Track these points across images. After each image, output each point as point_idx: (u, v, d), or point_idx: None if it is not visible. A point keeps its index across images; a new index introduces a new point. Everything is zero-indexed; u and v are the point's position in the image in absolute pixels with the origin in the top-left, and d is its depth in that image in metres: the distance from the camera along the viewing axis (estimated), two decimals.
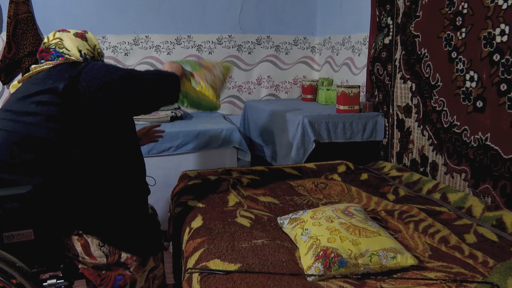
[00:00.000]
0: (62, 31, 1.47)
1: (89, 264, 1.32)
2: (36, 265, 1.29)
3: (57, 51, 1.41)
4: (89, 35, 1.51)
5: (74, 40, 1.45)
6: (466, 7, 1.88)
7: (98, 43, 1.55)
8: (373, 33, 2.70)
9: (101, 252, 1.32)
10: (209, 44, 3.52)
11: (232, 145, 2.81)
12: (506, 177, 1.71)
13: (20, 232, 1.19)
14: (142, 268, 1.39)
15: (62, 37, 1.45)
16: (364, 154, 2.61)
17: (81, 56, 1.43)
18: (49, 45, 1.43)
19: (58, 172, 1.24)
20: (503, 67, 1.70)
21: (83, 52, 1.44)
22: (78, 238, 1.31)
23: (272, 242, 1.38)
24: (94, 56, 1.48)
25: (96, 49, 1.51)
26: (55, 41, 1.43)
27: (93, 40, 1.51)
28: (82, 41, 1.46)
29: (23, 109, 1.26)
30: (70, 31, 1.48)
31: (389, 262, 1.22)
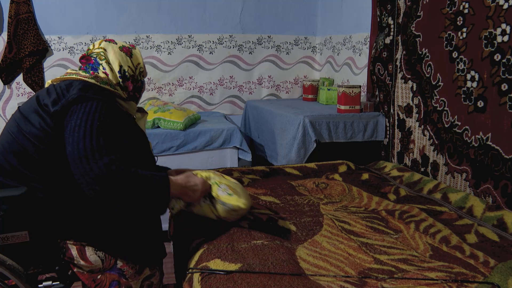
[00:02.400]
0: (109, 41, 1.43)
1: (85, 268, 1.31)
2: (32, 267, 1.28)
3: (96, 61, 1.38)
4: (136, 52, 1.46)
5: (117, 54, 1.40)
6: (467, 7, 1.88)
7: (143, 62, 1.49)
8: (374, 33, 2.69)
9: (97, 256, 1.30)
10: (210, 44, 3.52)
11: (233, 145, 2.81)
12: (507, 177, 1.70)
13: (15, 234, 1.18)
14: (138, 276, 1.37)
15: (107, 48, 1.41)
16: (365, 154, 2.61)
17: (119, 73, 1.39)
18: (91, 53, 1.40)
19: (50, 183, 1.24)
20: (504, 67, 1.69)
21: (124, 68, 1.40)
22: (74, 242, 1.30)
23: (272, 242, 1.38)
24: (134, 75, 1.43)
25: (139, 67, 1.46)
26: (98, 51, 1.40)
27: (139, 58, 1.46)
28: (126, 57, 1.41)
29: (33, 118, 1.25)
30: (117, 43, 1.43)
31: (222, 195, 1.39)
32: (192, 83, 3.56)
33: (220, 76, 3.60)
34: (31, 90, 3.22)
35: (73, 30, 3.24)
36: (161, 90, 3.50)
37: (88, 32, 3.27)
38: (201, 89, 3.59)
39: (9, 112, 3.23)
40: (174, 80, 3.51)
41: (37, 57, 3.15)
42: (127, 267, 1.34)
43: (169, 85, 3.51)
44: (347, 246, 1.41)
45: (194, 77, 3.55)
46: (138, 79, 1.46)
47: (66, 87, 1.28)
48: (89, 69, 1.38)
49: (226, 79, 3.62)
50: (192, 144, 2.74)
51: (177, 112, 2.84)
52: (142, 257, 1.38)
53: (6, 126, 1.32)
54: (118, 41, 1.47)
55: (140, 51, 1.49)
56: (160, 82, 3.49)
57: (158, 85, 3.49)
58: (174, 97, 3.53)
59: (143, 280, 1.39)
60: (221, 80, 3.61)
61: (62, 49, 3.25)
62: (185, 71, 3.52)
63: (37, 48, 3.10)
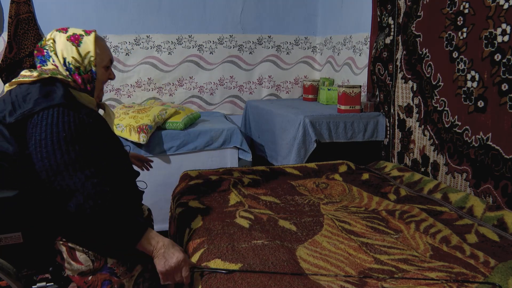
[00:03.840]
0: (60, 31, 1.35)
1: (75, 270, 1.29)
2: (26, 268, 1.28)
3: (48, 53, 1.31)
4: (87, 39, 1.34)
5: (63, 44, 1.31)
6: (467, 7, 1.88)
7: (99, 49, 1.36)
8: (374, 33, 2.69)
9: (87, 257, 1.28)
10: (210, 44, 3.52)
11: (233, 145, 2.81)
12: (507, 177, 1.70)
13: (9, 235, 1.17)
14: (129, 273, 1.35)
15: (56, 38, 1.33)
16: (365, 154, 2.61)
17: (65, 65, 1.31)
18: (44, 45, 1.33)
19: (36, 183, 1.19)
20: (504, 67, 1.69)
21: (67, 60, 1.31)
22: (64, 243, 1.28)
23: (272, 242, 1.38)
24: (79, 67, 1.32)
25: (89, 56, 1.33)
26: (49, 42, 1.33)
27: (89, 46, 1.33)
28: (72, 46, 1.31)
29: None
30: (68, 31, 1.34)
31: None
32: (193, 83, 3.56)
33: (220, 76, 3.60)
34: None
35: None
36: (161, 90, 3.50)
37: None
38: (202, 89, 3.59)
39: None
40: (175, 80, 3.51)
41: None
42: (117, 265, 1.33)
43: (169, 85, 3.51)
44: (348, 246, 1.41)
45: (195, 77, 3.55)
46: (87, 69, 1.34)
47: (23, 97, 1.21)
48: (37, 62, 1.32)
49: (226, 79, 3.62)
50: (193, 144, 2.74)
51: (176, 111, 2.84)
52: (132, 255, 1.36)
53: None
54: (72, 28, 1.36)
55: (97, 37, 1.36)
56: (161, 82, 3.49)
57: (158, 85, 3.49)
58: (174, 97, 3.53)
59: (137, 277, 1.37)
60: (221, 80, 3.61)
61: None
62: (186, 71, 3.52)
63: None
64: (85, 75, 1.34)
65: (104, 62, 1.39)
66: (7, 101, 1.22)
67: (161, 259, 1.20)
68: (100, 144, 1.29)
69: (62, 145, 1.15)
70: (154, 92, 3.49)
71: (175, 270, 1.20)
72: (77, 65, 1.32)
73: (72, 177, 1.13)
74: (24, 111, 1.18)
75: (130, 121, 2.65)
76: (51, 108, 1.18)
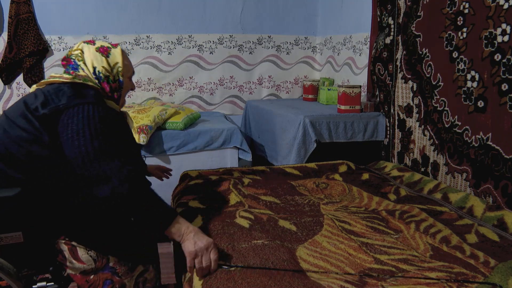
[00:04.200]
0: (88, 43, 1.44)
1: (77, 269, 1.30)
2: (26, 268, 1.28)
3: (76, 63, 1.39)
4: (115, 51, 1.44)
5: (92, 55, 1.40)
6: (467, 7, 1.88)
7: (126, 61, 1.47)
8: (374, 33, 2.70)
9: (89, 256, 1.30)
10: (210, 44, 3.52)
11: (233, 145, 2.81)
12: (507, 177, 1.70)
13: (9, 235, 1.18)
14: (131, 273, 1.37)
15: (84, 49, 1.42)
16: (365, 154, 2.61)
17: (94, 74, 1.39)
18: (71, 55, 1.41)
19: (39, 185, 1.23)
20: (504, 67, 1.69)
21: (98, 69, 1.39)
22: (66, 242, 1.29)
23: (272, 242, 1.38)
24: (109, 76, 1.41)
25: (117, 67, 1.43)
26: (76, 52, 1.41)
27: (117, 57, 1.43)
28: (102, 57, 1.40)
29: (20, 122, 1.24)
30: (96, 44, 1.43)
31: None
32: (193, 83, 3.56)
33: (220, 76, 3.60)
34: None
35: (73, 30, 3.24)
36: (161, 90, 3.50)
37: (88, 32, 3.27)
38: (202, 89, 3.59)
39: None
40: (175, 80, 3.51)
41: (37, 57, 3.15)
42: (119, 265, 1.34)
43: (169, 85, 3.51)
44: (348, 246, 1.41)
45: (194, 77, 3.55)
46: (115, 79, 1.43)
47: (55, 92, 1.28)
48: (69, 69, 1.38)
49: (226, 79, 3.62)
50: (193, 144, 2.74)
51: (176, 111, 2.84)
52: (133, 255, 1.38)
53: None
54: (99, 41, 1.46)
55: (122, 50, 1.47)
56: (161, 82, 3.49)
57: (158, 85, 3.49)
58: (174, 97, 3.53)
59: (137, 277, 1.39)
60: (221, 80, 3.61)
61: (62, 49, 3.25)
62: (185, 71, 3.52)
63: (37, 48, 3.10)
64: (113, 84, 1.43)
65: (129, 73, 1.51)
66: (39, 95, 1.28)
67: (190, 241, 1.22)
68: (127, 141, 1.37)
69: (99, 134, 1.22)
70: (154, 92, 3.49)
71: (205, 250, 1.21)
72: (107, 74, 1.41)
73: (108, 163, 1.18)
74: (59, 104, 1.24)
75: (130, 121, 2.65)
76: (85, 104, 1.25)
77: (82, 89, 1.31)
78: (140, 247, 1.41)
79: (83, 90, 1.31)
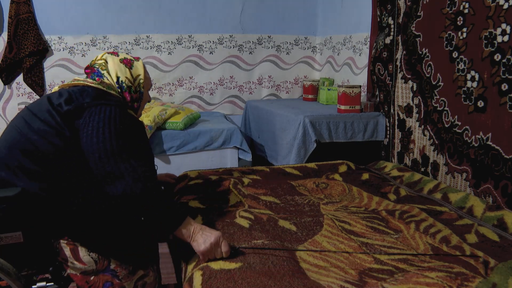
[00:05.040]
0: (111, 54, 1.49)
1: (78, 269, 1.30)
2: (26, 268, 1.28)
3: (99, 72, 1.44)
4: (137, 64, 1.51)
5: (117, 66, 1.46)
6: (467, 7, 1.88)
7: (147, 74, 1.54)
8: (374, 33, 2.70)
9: (90, 257, 1.30)
10: (210, 44, 3.52)
11: (233, 145, 2.81)
12: (507, 177, 1.70)
13: (9, 235, 1.18)
14: (131, 276, 1.37)
15: (108, 59, 1.47)
16: (365, 154, 2.61)
17: (117, 83, 1.44)
18: (94, 64, 1.47)
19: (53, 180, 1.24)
20: (504, 67, 1.70)
21: (121, 79, 1.45)
22: (67, 243, 1.30)
23: (272, 242, 1.38)
24: (132, 86, 1.47)
25: (139, 78, 1.50)
26: (100, 62, 1.46)
27: (139, 69, 1.50)
28: (125, 68, 1.47)
29: (42, 116, 1.27)
30: (120, 55, 1.49)
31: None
32: (192, 83, 3.56)
33: (220, 76, 3.60)
34: (31, 90, 3.22)
35: (73, 30, 3.24)
36: (161, 90, 3.50)
37: (88, 32, 3.27)
38: (201, 89, 3.59)
39: (9, 112, 3.23)
40: (174, 80, 3.51)
41: (37, 57, 3.15)
42: (120, 268, 1.35)
43: (169, 85, 3.51)
44: (348, 246, 1.41)
45: (194, 77, 3.55)
46: (137, 90, 1.50)
47: (80, 92, 1.33)
48: (94, 76, 1.44)
49: (226, 79, 3.62)
50: (193, 144, 2.75)
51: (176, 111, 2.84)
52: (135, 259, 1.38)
53: (12, 123, 1.33)
54: (122, 53, 1.53)
55: (143, 64, 1.55)
56: (160, 82, 3.49)
57: (158, 85, 3.49)
58: (174, 97, 3.53)
59: (137, 280, 1.39)
60: (221, 80, 3.61)
61: (62, 49, 3.25)
62: (185, 71, 3.52)
63: (37, 48, 3.10)
64: (134, 95, 1.49)
65: (149, 86, 1.58)
66: (63, 93, 1.32)
67: (199, 240, 1.25)
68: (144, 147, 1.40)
69: (119, 134, 1.25)
70: (154, 92, 3.49)
71: (215, 246, 1.24)
72: (129, 84, 1.47)
73: (124, 162, 1.21)
74: (84, 102, 1.29)
75: None
76: (108, 106, 1.30)
77: (106, 94, 1.37)
78: (142, 249, 1.41)
79: (107, 95, 1.37)
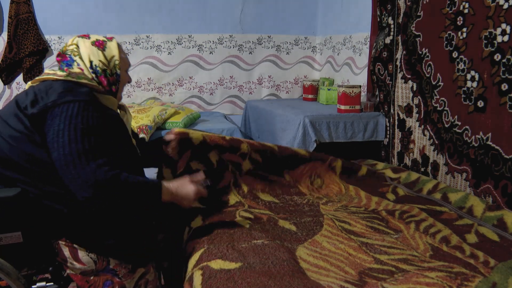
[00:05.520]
0: (82, 37, 1.42)
1: (77, 269, 1.30)
2: (26, 268, 1.28)
3: (71, 58, 1.37)
4: (111, 44, 1.43)
5: (89, 49, 1.38)
6: (467, 7, 1.88)
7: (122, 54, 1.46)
8: (374, 33, 2.70)
9: (89, 258, 1.29)
10: (210, 44, 3.52)
11: None
12: (507, 177, 1.70)
13: (8, 235, 1.17)
14: (131, 274, 1.36)
15: (79, 43, 1.40)
16: (365, 154, 2.61)
17: (91, 68, 1.37)
18: (66, 50, 1.40)
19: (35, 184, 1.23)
20: (504, 66, 1.70)
21: (95, 63, 1.37)
22: (66, 243, 1.29)
23: (272, 242, 1.38)
24: (106, 69, 1.39)
25: (114, 60, 1.41)
26: (71, 47, 1.39)
27: (113, 50, 1.42)
28: (98, 51, 1.39)
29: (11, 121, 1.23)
30: (91, 37, 1.42)
31: None
32: (192, 83, 3.56)
33: (220, 76, 3.60)
34: None
35: (73, 30, 3.24)
36: (161, 90, 3.50)
37: (88, 32, 3.25)
38: (201, 89, 3.59)
39: None
40: (174, 80, 3.51)
41: (37, 57, 3.15)
42: (119, 267, 1.33)
43: (169, 85, 3.51)
44: (347, 246, 1.41)
45: (194, 77, 3.55)
46: (113, 72, 1.41)
47: (45, 90, 1.26)
48: (63, 66, 1.37)
49: (226, 79, 3.62)
50: None
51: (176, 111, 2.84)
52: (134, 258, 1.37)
53: None
54: (94, 35, 1.45)
55: (118, 43, 1.46)
56: (160, 82, 3.49)
57: (158, 85, 3.49)
58: (174, 97, 3.53)
59: (138, 279, 1.38)
60: (221, 80, 3.61)
61: None
62: (185, 71, 3.52)
63: (37, 48, 3.10)
64: (111, 78, 1.41)
65: (126, 66, 1.50)
66: (29, 93, 1.26)
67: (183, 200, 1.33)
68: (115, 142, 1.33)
69: (78, 136, 1.19)
70: (154, 92, 3.49)
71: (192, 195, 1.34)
72: (104, 67, 1.39)
73: (84, 167, 1.16)
74: (47, 102, 1.22)
75: None
76: (72, 102, 1.23)
77: (74, 87, 1.28)
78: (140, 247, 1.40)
79: (74, 88, 1.28)
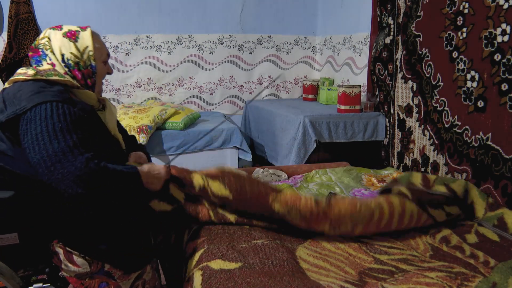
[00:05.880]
0: (54, 28, 1.33)
1: (72, 272, 1.27)
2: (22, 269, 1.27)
3: (43, 53, 1.30)
4: (84, 34, 1.33)
5: (60, 41, 1.30)
6: (467, 7, 1.88)
7: (98, 44, 1.36)
8: (374, 33, 2.70)
9: (84, 260, 1.27)
10: (210, 44, 3.52)
11: (233, 145, 2.82)
12: (507, 177, 1.70)
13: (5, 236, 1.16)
14: (127, 276, 1.33)
15: (51, 36, 1.32)
16: (365, 154, 2.61)
17: (63, 62, 1.29)
18: (38, 44, 1.32)
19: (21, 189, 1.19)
20: (504, 66, 1.70)
21: (66, 56, 1.29)
22: (61, 245, 1.26)
23: (272, 242, 1.38)
24: (79, 62, 1.31)
25: (87, 51, 1.32)
26: (44, 41, 1.32)
27: (86, 41, 1.32)
28: (70, 42, 1.30)
29: None
30: (63, 28, 1.33)
31: None
32: (192, 83, 3.56)
33: (220, 76, 3.60)
34: None
35: None
36: (161, 90, 3.50)
37: None
38: (201, 89, 3.59)
39: None
40: (174, 80, 3.51)
41: None
42: (114, 269, 1.31)
43: (169, 85, 3.51)
44: (347, 246, 1.41)
45: (194, 77, 3.55)
46: (86, 64, 1.33)
47: (13, 94, 1.20)
48: (33, 63, 1.30)
49: (226, 79, 3.62)
50: (192, 144, 2.75)
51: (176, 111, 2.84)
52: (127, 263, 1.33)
53: None
54: (67, 25, 1.35)
55: (93, 32, 1.35)
56: (160, 82, 3.49)
57: (158, 85, 3.49)
58: (174, 97, 3.53)
59: (135, 280, 1.35)
60: (221, 80, 3.61)
61: None
62: (185, 71, 3.52)
63: None
64: (85, 70, 1.33)
65: (103, 57, 1.39)
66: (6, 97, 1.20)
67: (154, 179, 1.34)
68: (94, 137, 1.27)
69: (58, 135, 1.13)
70: (154, 92, 3.49)
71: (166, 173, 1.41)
72: (76, 60, 1.31)
73: (73, 163, 1.10)
74: (16, 109, 1.16)
75: (130, 121, 2.65)
76: (43, 104, 1.16)
77: (44, 87, 1.22)
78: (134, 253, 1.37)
79: (45, 88, 1.21)
